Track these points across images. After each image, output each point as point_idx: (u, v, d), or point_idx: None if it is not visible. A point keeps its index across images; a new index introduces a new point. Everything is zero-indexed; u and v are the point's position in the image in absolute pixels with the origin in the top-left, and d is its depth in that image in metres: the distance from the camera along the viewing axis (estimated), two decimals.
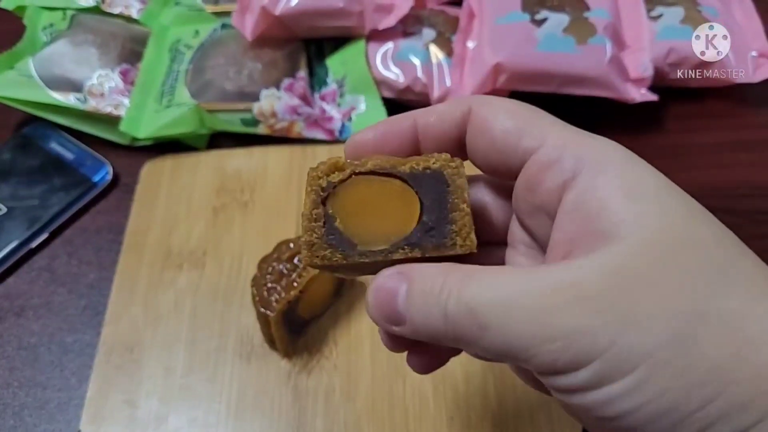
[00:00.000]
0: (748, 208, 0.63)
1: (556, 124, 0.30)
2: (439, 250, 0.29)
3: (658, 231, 0.25)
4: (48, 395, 0.54)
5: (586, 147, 0.28)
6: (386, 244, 0.30)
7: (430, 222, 0.30)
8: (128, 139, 0.68)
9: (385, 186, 0.30)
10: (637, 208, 0.26)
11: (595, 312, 0.24)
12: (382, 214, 0.30)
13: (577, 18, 0.66)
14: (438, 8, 0.75)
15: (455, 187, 0.30)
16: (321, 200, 0.30)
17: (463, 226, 0.29)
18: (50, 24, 0.74)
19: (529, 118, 0.30)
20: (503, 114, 0.30)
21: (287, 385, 0.52)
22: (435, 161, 0.30)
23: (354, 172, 0.30)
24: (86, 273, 0.61)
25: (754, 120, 0.70)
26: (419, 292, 0.28)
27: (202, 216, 0.62)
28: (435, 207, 0.30)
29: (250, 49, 0.70)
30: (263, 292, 0.50)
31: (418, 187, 0.30)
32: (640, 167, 0.27)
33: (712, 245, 0.25)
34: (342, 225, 0.30)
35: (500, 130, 0.30)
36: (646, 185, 0.26)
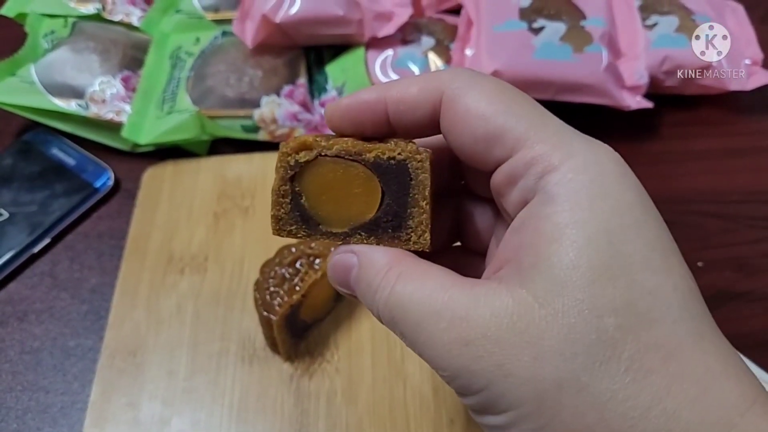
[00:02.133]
0: (741, 214, 0.64)
1: (534, 123, 0.28)
2: (394, 243, 0.30)
3: (557, 287, 0.25)
4: (51, 399, 0.54)
5: (551, 167, 0.27)
6: (346, 228, 0.30)
7: (389, 213, 0.30)
8: (129, 145, 0.68)
9: (350, 171, 0.30)
10: (552, 255, 0.25)
11: (472, 358, 0.25)
12: (345, 197, 0.30)
13: (573, 26, 0.67)
14: (436, 16, 0.76)
15: (417, 182, 0.30)
16: (289, 177, 0.30)
17: (420, 224, 0.30)
18: (51, 31, 0.75)
19: (507, 116, 0.28)
20: (475, 114, 0.28)
21: (289, 388, 0.53)
22: (401, 152, 0.30)
23: (320, 153, 0.30)
24: (88, 278, 0.61)
25: (747, 127, 0.71)
26: (363, 281, 0.30)
27: (203, 221, 0.63)
28: (395, 199, 0.30)
29: (251, 57, 0.71)
30: (266, 296, 0.51)
31: (381, 176, 0.30)
32: (589, 206, 0.26)
33: (607, 313, 0.24)
34: (307, 203, 0.31)
35: (471, 134, 0.29)
36: (576, 231, 0.25)
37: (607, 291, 0.24)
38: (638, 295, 0.24)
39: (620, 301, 0.24)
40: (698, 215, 0.63)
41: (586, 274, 0.25)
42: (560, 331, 0.24)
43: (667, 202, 0.64)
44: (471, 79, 0.29)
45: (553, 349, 0.24)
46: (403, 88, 0.30)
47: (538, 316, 0.25)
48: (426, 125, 0.31)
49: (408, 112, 0.30)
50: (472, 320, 0.25)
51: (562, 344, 0.24)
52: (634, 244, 0.25)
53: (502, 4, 0.70)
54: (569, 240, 0.25)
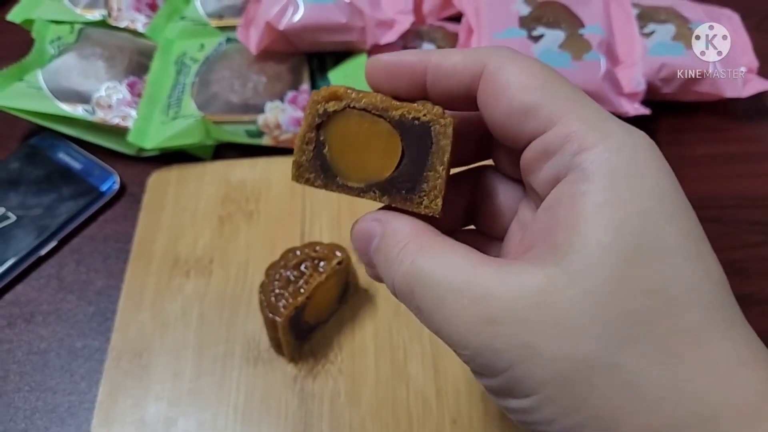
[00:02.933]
0: (738, 219, 0.65)
1: (571, 103, 0.27)
2: (405, 204, 0.30)
3: (592, 267, 0.24)
4: (58, 399, 0.55)
5: (588, 145, 0.26)
6: (362, 183, 0.30)
7: (405, 174, 0.30)
8: (135, 149, 0.69)
9: (374, 126, 0.30)
10: (588, 234, 0.25)
11: (496, 337, 0.25)
12: (366, 152, 0.30)
13: (572, 34, 0.68)
14: (437, 24, 0.77)
15: (438, 147, 0.29)
16: (316, 125, 0.31)
17: (433, 188, 0.30)
18: (58, 37, 0.76)
19: (544, 92, 0.28)
20: (514, 87, 0.28)
21: (293, 389, 0.54)
22: (426, 114, 0.29)
23: (348, 105, 0.30)
24: (94, 280, 0.62)
25: (743, 133, 0.73)
26: (383, 251, 0.30)
27: (208, 225, 0.64)
28: (414, 160, 0.30)
29: (255, 63, 0.72)
30: (271, 298, 0.52)
31: (403, 136, 0.30)
32: (626, 185, 0.25)
33: (642, 294, 0.24)
34: (329, 153, 0.31)
35: (507, 106, 0.28)
36: (612, 211, 0.25)
37: (641, 272, 0.24)
38: (671, 279, 0.24)
39: (653, 283, 0.24)
40: None
41: (620, 255, 0.24)
42: (592, 309, 0.24)
43: None
44: (513, 54, 0.29)
45: (584, 328, 0.24)
46: (446, 55, 0.30)
47: (569, 294, 0.24)
48: (461, 96, 0.30)
49: (446, 78, 0.30)
50: (498, 297, 0.25)
51: (593, 323, 0.24)
52: (668, 229, 0.25)
53: (502, 12, 0.71)
54: (605, 219, 0.25)
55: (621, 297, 0.24)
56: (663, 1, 0.77)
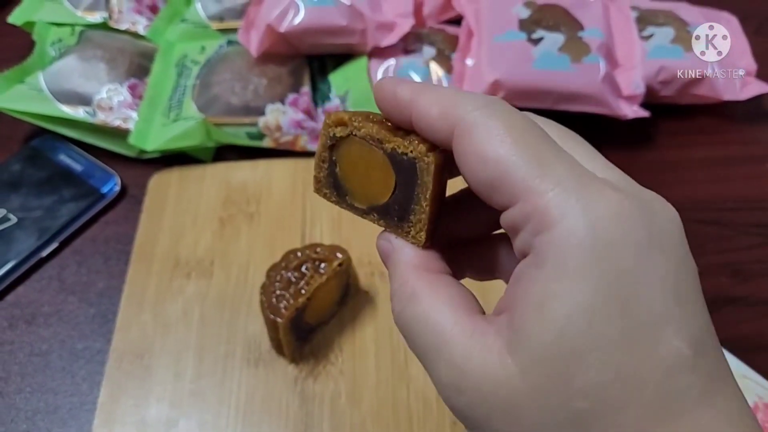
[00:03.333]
0: (736, 221, 0.65)
1: (539, 170, 0.26)
2: (397, 231, 0.31)
3: (539, 360, 0.24)
4: (59, 400, 0.55)
5: (547, 225, 0.25)
6: (364, 205, 0.32)
7: (396, 203, 0.31)
8: (136, 151, 0.69)
9: (373, 154, 0.31)
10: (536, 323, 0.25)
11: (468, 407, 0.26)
12: (368, 177, 0.32)
13: (571, 37, 0.69)
14: (438, 27, 0.77)
15: (422, 182, 0.30)
16: (328, 146, 0.32)
17: (418, 222, 0.30)
18: (59, 39, 0.76)
19: (506, 166, 0.26)
20: (476, 161, 0.27)
21: (294, 390, 0.54)
22: (412, 151, 0.30)
23: (351, 132, 0.31)
24: (95, 282, 0.62)
25: (741, 136, 0.73)
26: (390, 276, 0.31)
27: (209, 226, 0.64)
28: (403, 191, 0.31)
29: (256, 65, 0.72)
30: (272, 299, 0.52)
31: (395, 167, 0.31)
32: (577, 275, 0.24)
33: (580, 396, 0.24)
34: (340, 173, 0.32)
35: (473, 181, 0.28)
36: (559, 303, 0.24)
37: (581, 373, 0.24)
38: (610, 379, 0.24)
39: (592, 385, 0.24)
40: (694, 222, 0.65)
41: (562, 354, 0.24)
42: (535, 409, 0.25)
43: None
44: (487, 113, 0.27)
45: (528, 425, 0.25)
46: (427, 106, 0.29)
47: (518, 389, 0.25)
48: (446, 145, 0.29)
49: (427, 131, 0.29)
50: (467, 373, 0.26)
51: (536, 422, 0.25)
52: (616, 321, 0.24)
53: (502, 15, 0.71)
54: (552, 314, 0.24)
55: (562, 399, 0.24)
56: (662, 5, 0.78)
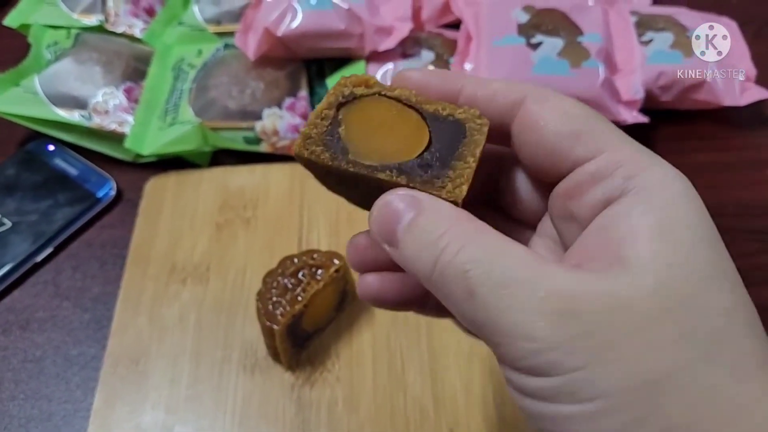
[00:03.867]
0: (736, 227, 0.65)
1: (614, 134, 0.28)
2: (425, 187, 0.29)
3: (669, 281, 0.25)
4: (53, 407, 0.55)
5: (640, 169, 0.27)
6: (376, 162, 0.29)
7: (429, 159, 0.29)
8: (132, 155, 0.69)
9: (402, 115, 0.30)
10: (659, 250, 0.25)
11: (576, 333, 0.24)
12: (389, 137, 0.30)
13: (571, 42, 0.69)
14: (436, 31, 0.77)
15: (471, 140, 0.29)
16: (337, 105, 0.30)
17: (460, 176, 0.29)
18: (55, 42, 0.76)
19: (587, 123, 0.29)
20: (559, 115, 0.29)
21: (291, 397, 0.53)
22: (462, 112, 0.30)
23: (379, 92, 0.30)
24: (90, 287, 0.62)
25: (741, 142, 0.73)
26: (421, 228, 0.28)
27: (205, 231, 0.63)
28: (442, 150, 0.30)
29: (253, 69, 0.72)
30: (268, 306, 0.51)
31: (433, 128, 0.30)
32: (685, 208, 0.26)
33: (715, 314, 0.24)
34: (345, 132, 0.30)
35: (553, 132, 0.29)
36: (681, 231, 0.25)
37: (716, 294, 0.25)
38: (741, 304, 0.25)
39: (727, 305, 0.25)
40: None
41: (695, 275, 0.25)
42: (672, 323, 0.24)
43: None
44: (553, 91, 0.30)
45: (669, 340, 0.24)
46: (485, 81, 0.31)
47: (654, 306, 0.24)
48: (494, 123, 0.30)
49: (484, 103, 0.30)
50: (581, 295, 0.25)
51: (678, 337, 0.24)
52: (727, 260, 0.26)
53: (500, 20, 0.71)
54: (678, 240, 0.25)
55: (703, 315, 0.24)
56: (661, 10, 0.77)
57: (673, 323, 0.24)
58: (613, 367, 0.24)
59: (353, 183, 0.31)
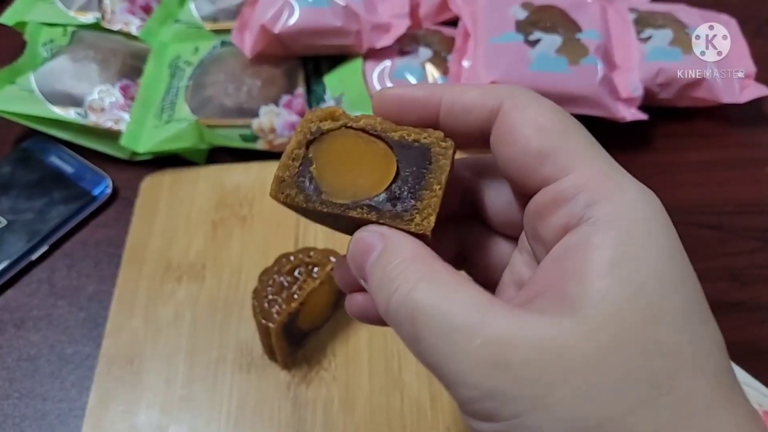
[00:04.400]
0: (735, 225, 0.64)
1: (586, 152, 0.27)
2: (395, 222, 0.29)
3: (612, 323, 0.24)
4: (48, 406, 0.54)
5: (603, 196, 0.26)
6: (348, 200, 0.29)
7: (398, 191, 0.29)
8: (128, 153, 0.68)
9: (370, 146, 0.30)
10: (608, 289, 0.24)
11: (510, 382, 0.24)
12: (358, 171, 0.30)
13: (569, 39, 0.68)
14: (434, 28, 0.77)
15: (437, 166, 0.29)
16: (306, 143, 0.30)
17: (428, 206, 0.29)
18: (51, 40, 0.75)
19: (559, 138, 0.27)
20: (531, 130, 0.28)
21: (286, 396, 0.53)
22: (427, 137, 0.30)
23: (345, 125, 0.30)
24: (86, 285, 0.61)
25: (740, 139, 0.72)
26: (382, 266, 0.28)
27: (201, 230, 0.63)
28: (409, 179, 0.29)
29: (249, 66, 0.71)
30: (264, 304, 0.51)
31: (400, 157, 0.30)
32: (642, 241, 0.25)
33: (659, 355, 0.23)
34: (316, 171, 0.30)
35: (522, 149, 0.28)
36: (633, 266, 0.24)
37: (658, 333, 0.24)
38: (686, 342, 0.24)
39: (670, 345, 0.24)
40: (693, 226, 0.64)
41: (638, 313, 0.24)
42: (608, 367, 0.23)
43: None
44: (531, 96, 0.29)
45: (603, 386, 0.23)
46: (462, 90, 0.30)
47: (586, 349, 0.23)
48: (475, 132, 0.30)
49: (462, 114, 0.30)
50: (515, 343, 0.24)
51: (613, 382, 0.23)
52: (681, 292, 0.25)
53: (498, 17, 0.70)
54: (621, 276, 0.24)
55: (642, 358, 0.23)
56: (660, 6, 0.77)
57: (612, 367, 0.23)
58: (548, 415, 0.23)
59: (332, 219, 0.31)
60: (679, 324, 0.24)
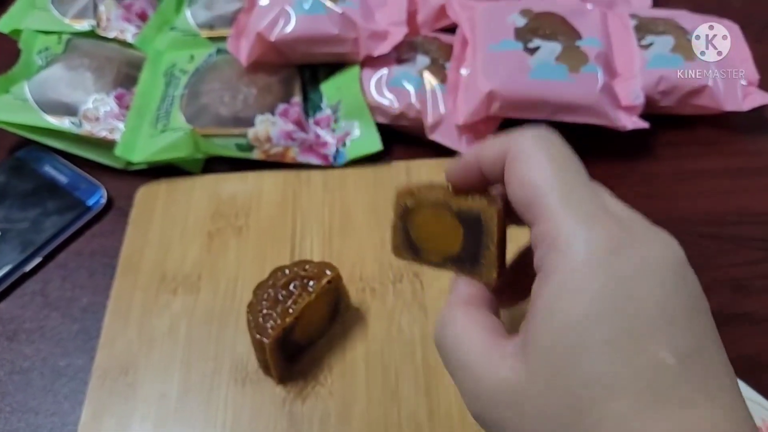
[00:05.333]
0: (739, 235, 0.63)
1: (561, 200, 0.30)
2: (471, 275, 0.37)
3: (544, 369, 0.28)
4: (40, 420, 0.53)
5: (559, 244, 0.29)
6: (440, 259, 0.38)
7: (467, 252, 0.37)
8: (123, 163, 0.68)
9: (442, 215, 0.37)
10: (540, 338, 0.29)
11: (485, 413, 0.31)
12: (439, 235, 0.38)
13: (569, 46, 0.67)
14: (432, 35, 0.76)
15: (487, 229, 0.36)
16: (400, 215, 0.39)
17: (487, 264, 0.36)
18: (45, 48, 0.75)
19: (537, 189, 0.31)
20: (516, 183, 0.32)
21: (282, 411, 0.52)
22: (475, 205, 0.36)
23: (420, 201, 0.38)
24: (80, 297, 0.60)
25: (743, 147, 0.71)
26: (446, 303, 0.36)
27: (196, 240, 0.62)
28: (472, 241, 0.37)
29: (245, 75, 0.71)
30: (259, 319, 0.50)
31: (462, 222, 0.37)
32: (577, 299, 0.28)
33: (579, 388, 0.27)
34: (414, 235, 0.39)
35: (513, 197, 0.32)
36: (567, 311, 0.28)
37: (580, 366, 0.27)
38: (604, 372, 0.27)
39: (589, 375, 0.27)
40: (695, 236, 0.63)
41: (564, 352, 0.28)
42: (540, 401, 0.28)
43: (663, 223, 0.64)
44: (530, 143, 0.33)
45: (534, 415, 0.28)
46: (488, 148, 0.35)
47: (526, 387, 0.29)
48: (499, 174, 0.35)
49: (491, 169, 0.34)
50: (483, 381, 0.31)
51: (541, 411, 0.28)
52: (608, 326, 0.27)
53: (497, 24, 0.70)
54: (555, 322, 0.28)
55: (563, 390, 0.27)
56: (661, 12, 0.76)
57: (541, 409, 0.28)
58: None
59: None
60: (604, 356, 0.27)
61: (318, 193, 0.66)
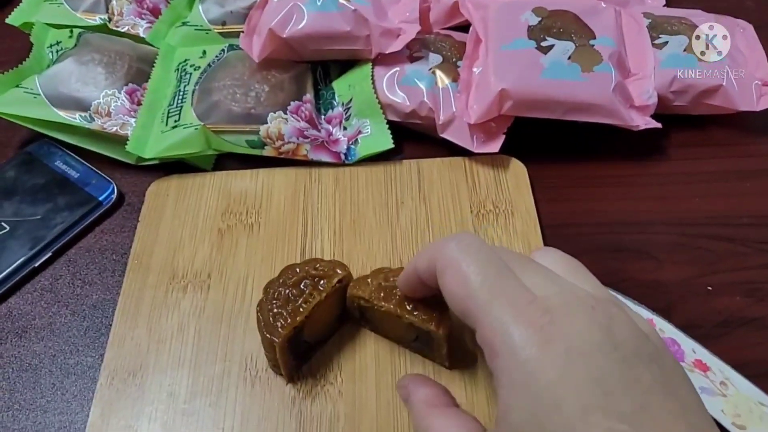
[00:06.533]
0: (751, 237, 0.63)
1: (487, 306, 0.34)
2: (427, 357, 0.49)
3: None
4: (49, 419, 0.53)
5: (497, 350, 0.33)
6: (395, 340, 0.52)
7: (421, 342, 0.48)
8: (134, 158, 0.67)
9: (395, 319, 0.48)
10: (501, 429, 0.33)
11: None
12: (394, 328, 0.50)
13: (582, 46, 0.67)
14: (444, 33, 0.75)
15: (438, 340, 0.47)
16: (358, 313, 0.52)
17: (440, 357, 0.49)
18: (57, 42, 0.74)
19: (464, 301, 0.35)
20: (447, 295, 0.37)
21: (291, 411, 0.52)
22: (424, 326, 0.46)
23: (374, 306, 0.49)
24: (89, 294, 0.60)
25: (757, 148, 0.71)
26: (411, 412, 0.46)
27: (207, 238, 0.62)
28: (425, 340, 0.49)
29: (257, 71, 0.70)
30: (269, 318, 0.50)
31: (415, 329, 0.47)
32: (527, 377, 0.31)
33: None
34: (371, 325, 0.53)
35: (450, 306, 0.37)
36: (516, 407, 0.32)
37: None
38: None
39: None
40: (707, 238, 0.63)
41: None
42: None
43: (675, 225, 0.64)
44: (454, 255, 0.36)
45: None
46: (419, 261, 0.40)
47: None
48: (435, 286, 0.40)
49: (430, 281, 0.39)
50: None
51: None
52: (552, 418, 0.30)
53: (510, 22, 0.69)
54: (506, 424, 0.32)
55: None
56: (676, 12, 0.75)
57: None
58: None
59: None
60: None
61: (329, 190, 0.65)
